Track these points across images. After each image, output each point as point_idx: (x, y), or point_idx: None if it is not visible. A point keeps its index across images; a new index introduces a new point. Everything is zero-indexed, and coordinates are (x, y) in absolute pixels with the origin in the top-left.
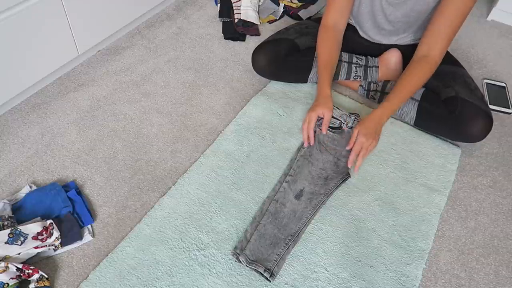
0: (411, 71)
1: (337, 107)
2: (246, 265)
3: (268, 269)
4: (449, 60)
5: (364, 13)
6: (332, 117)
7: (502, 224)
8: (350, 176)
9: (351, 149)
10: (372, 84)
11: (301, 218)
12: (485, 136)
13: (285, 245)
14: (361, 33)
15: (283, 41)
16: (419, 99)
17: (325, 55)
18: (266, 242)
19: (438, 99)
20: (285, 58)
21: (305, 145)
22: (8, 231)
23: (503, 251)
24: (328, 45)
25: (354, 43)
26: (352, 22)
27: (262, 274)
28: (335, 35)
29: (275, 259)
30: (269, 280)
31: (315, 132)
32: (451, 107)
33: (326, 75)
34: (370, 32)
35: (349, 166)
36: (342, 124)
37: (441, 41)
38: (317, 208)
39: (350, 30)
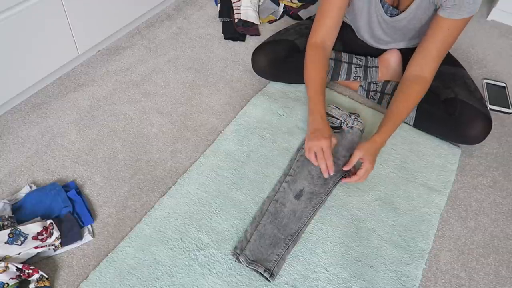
0: (405, 92)
1: (337, 107)
2: (246, 265)
3: (268, 269)
4: (449, 60)
5: (362, 27)
6: (332, 116)
7: (502, 224)
8: (349, 175)
9: (346, 160)
10: (372, 84)
11: (301, 218)
12: (484, 138)
13: (285, 245)
14: (360, 38)
15: (283, 42)
16: None
17: (318, 78)
18: (266, 242)
19: (438, 100)
20: (285, 59)
21: (325, 175)
22: (8, 231)
23: (503, 251)
24: (319, 67)
25: (353, 44)
26: (351, 23)
27: (262, 274)
28: (325, 55)
29: (275, 259)
30: (269, 280)
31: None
32: (451, 108)
33: (321, 99)
34: (369, 41)
35: (342, 181)
36: (342, 124)
37: (433, 61)
38: (317, 207)
39: (349, 30)
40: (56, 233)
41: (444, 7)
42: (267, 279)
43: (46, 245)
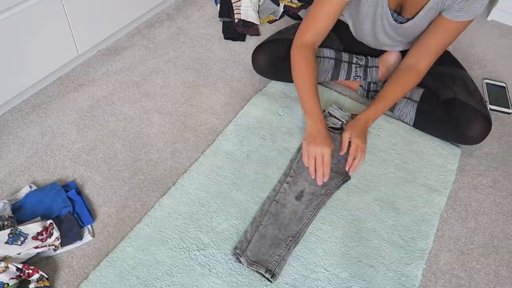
0: (397, 79)
1: (339, 107)
2: (247, 266)
3: (269, 270)
4: (449, 60)
5: (365, 30)
6: (334, 117)
7: (502, 224)
8: (350, 178)
9: (346, 152)
10: (372, 84)
11: (302, 219)
12: (483, 139)
13: (286, 246)
14: (358, 40)
15: (283, 41)
16: (418, 100)
17: (312, 78)
18: (267, 243)
19: (437, 100)
20: (285, 58)
21: (319, 182)
22: (8, 231)
23: (503, 251)
24: (311, 66)
25: (353, 44)
26: (350, 25)
27: (264, 275)
28: (314, 55)
29: (276, 260)
30: (271, 281)
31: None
32: (450, 109)
33: (317, 100)
34: (371, 45)
35: (347, 169)
36: (344, 125)
37: (429, 56)
38: (317, 208)
39: (349, 31)
40: (56, 233)
41: (451, 10)
42: (268, 280)
43: (46, 245)
